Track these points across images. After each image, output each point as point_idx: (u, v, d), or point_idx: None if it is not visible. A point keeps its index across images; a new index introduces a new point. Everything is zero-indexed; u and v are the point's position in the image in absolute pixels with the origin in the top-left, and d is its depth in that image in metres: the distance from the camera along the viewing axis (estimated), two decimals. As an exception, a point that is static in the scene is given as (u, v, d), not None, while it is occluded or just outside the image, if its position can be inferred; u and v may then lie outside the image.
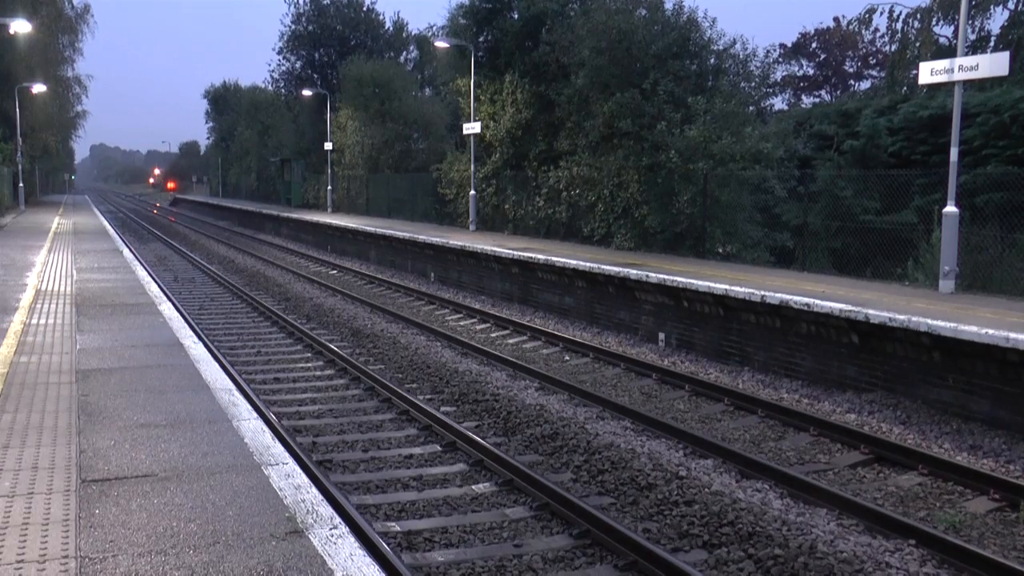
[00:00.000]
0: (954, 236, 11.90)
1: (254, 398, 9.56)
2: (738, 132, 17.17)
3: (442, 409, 10.06)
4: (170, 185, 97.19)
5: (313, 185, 45.13)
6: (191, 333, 9.54)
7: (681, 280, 13.27)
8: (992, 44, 23.59)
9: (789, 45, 48.33)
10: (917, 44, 25.44)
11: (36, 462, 5.04)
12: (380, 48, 46.59)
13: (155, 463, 5.05)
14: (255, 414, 6.23)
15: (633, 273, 14.36)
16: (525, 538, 6.54)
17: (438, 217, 29.97)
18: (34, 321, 9.85)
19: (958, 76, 11.88)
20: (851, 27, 34.49)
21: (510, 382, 11.23)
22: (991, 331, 8.78)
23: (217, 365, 7.90)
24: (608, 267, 15.17)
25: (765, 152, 17.02)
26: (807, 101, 45.91)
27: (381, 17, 49.12)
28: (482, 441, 8.38)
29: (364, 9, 48.47)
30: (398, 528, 6.61)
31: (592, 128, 19.90)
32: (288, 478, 4.85)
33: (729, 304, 12.38)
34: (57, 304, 11.19)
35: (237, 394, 6.75)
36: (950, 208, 12.02)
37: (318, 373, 11.97)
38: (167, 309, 11.08)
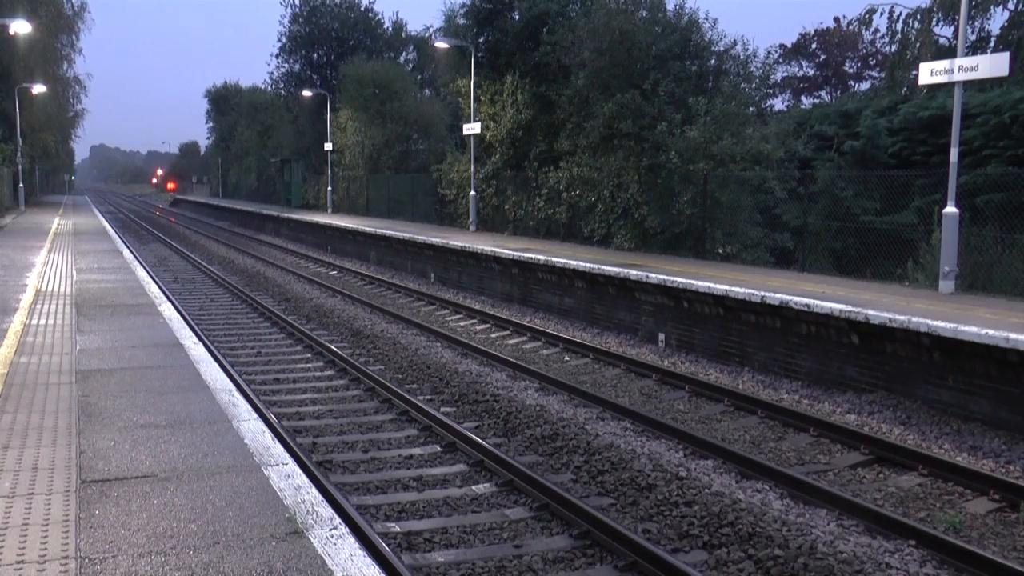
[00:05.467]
0: (954, 236, 11.90)
1: (254, 399, 9.56)
2: (738, 133, 17.17)
3: (442, 410, 10.06)
4: (170, 185, 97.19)
5: (313, 186, 45.15)
6: (191, 334, 9.54)
7: (681, 281, 13.27)
8: (992, 45, 23.61)
9: (789, 46, 48.38)
10: (917, 45, 25.45)
11: (36, 463, 5.04)
12: (379, 49, 46.58)
13: (155, 464, 5.05)
14: (255, 415, 6.23)
15: (633, 274, 14.36)
16: (525, 539, 6.54)
17: (438, 218, 29.98)
18: (34, 322, 9.85)
19: (958, 77, 11.88)
20: (851, 27, 34.57)
21: (510, 383, 11.24)
22: (991, 331, 8.78)
23: (217, 366, 7.90)
24: (608, 268, 15.17)
25: (765, 153, 17.02)
26: (807, 102, 45.95)
27: (379, 17, 49.15)
28: (482, 442, 8.37)
29: (361, 9, 48.46)
30: (398, 528, 6.61)
31: (592, 129, 19.90)
32: (288, 479, 4.85)
33: (729, 305, 12.38)
34: (57, 305, 11.19)
35: (237, 395, 6.75)
36: (950, 209, 12.02)
37: (318, 374, 11.97)
38: (167, 310, 11.09)
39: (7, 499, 4.47)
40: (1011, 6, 23.22)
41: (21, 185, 44.17)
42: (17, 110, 39.59)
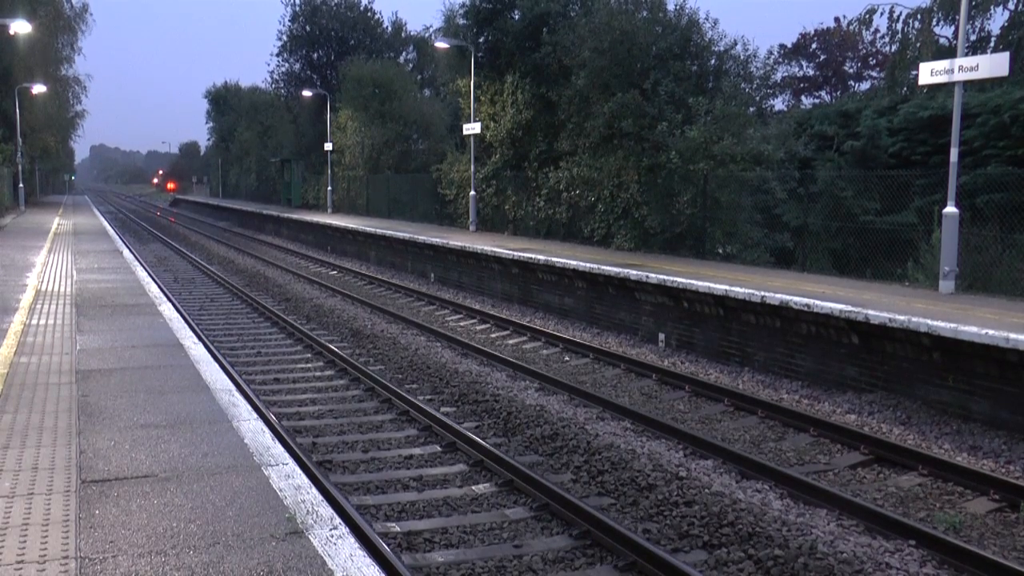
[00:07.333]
0: (954, 236, 11.90)
1: (254, 399, 9.56)
2: (739, 133, 17.16)
3: (442, 410, 10.06)
4: (170, 186, 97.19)
5: (313, 186, 45.15)
6: (191, 334, 9.53)
7: (681, 281, 13.27)
8: (992, 45, 23.61)
9: (789, 46, 48.38)
10: (917, 44, 25.44)
11: (36, 463, 5.04)
12: (379, 48, 46.60)
13: (155, 464, 5.05)
14: (255, 415, 6.23)
15: (633, 274, 14.36)
16: (525, 538, 6.54)
17: (438, 218, 29.98)
18: (34, 321, 9.85)
19: (958, 77, 11.88)
20: (851, 27, 34.47)
21: (510, 383, 11.23)
22: (991, 331, 8.78)
23: (217, 366, 7.90)
24: (608, 268, 15.17)
25: (766, 153, 17.01)
26: (807, 102, 45.94)
27: (379, 17, 49.17)
28: (482, 442, 8.37)
29: (360, 9, 48.49)
30: (398, 528, 6.61)
31: (593, 129, 19.90)
32: (288, 479, 4.85)
33: (729, 305, 12.38)
34: (57, 304, 11.19)
35: (237, 395, 6.75)
36: (950, 208, 12.02)
37: (318, 374, 11.97)
38: (167, 309, 11.09)
39: (7, 499, 4.47)
40: (1011, 6, 23.22)
41: (21, 185, 44.19)
42: (17, 110, 39.59)
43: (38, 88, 40.28)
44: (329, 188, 39.90)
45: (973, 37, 23.82)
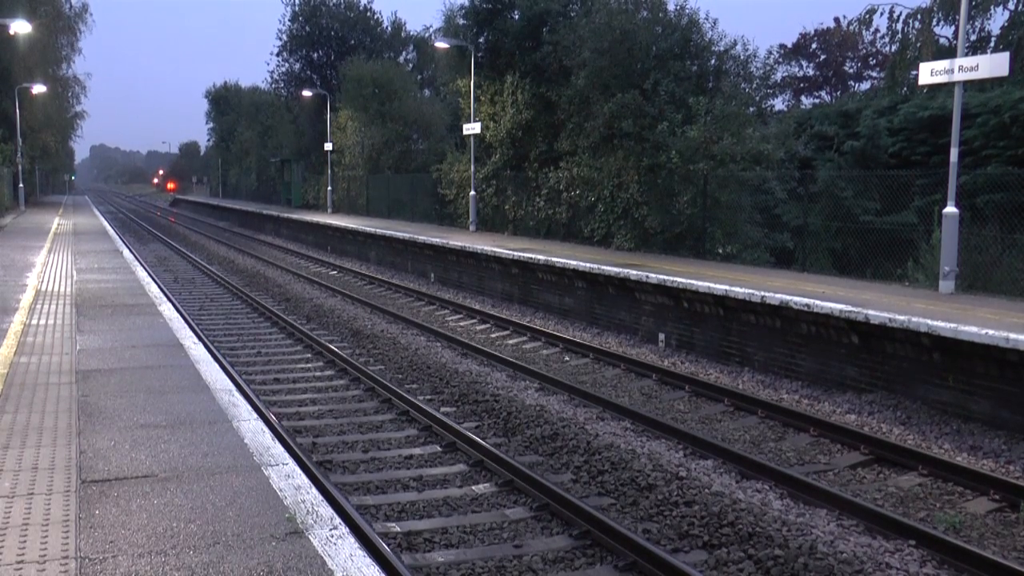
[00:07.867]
0: (954, 236, 11.90)
1: (254, 399, 9.56)
2: (739, 133, 17.16)
3: (442, 410, 10.06)
4: (170, 186, 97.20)
5: (313, 186, 45.17)
6: (191, 334, 9.53)
7: (681, 281, 13.27)
8: (992, 45, 23.64)
9: (789, 46, 48.41)
10: (917, 44, 25.46)
11: (36, 463, 5.04)
12: (379, 48, 46.59)
13: (155, 464, 5.05)
14: (255, 415, 6.23)
15: (633, 274, 14.36)
16: (525, 538, 6.54)
17: (438, 218, 29.98)
18: (34, 321, 9.85)
19: (958, 77, 11.88)
20: (851, 28, 34.53)
21: (510, 383, 11.23)
22: (991, 331, 8.78)
23: (217, 366, 7.90)
24: (608, 268, 15.17)
25: (765, 153, 17.02)
26: (807, 102, 45.96)
27: (379, 17, 49.18)
28: (482, 442, 8.37)
29: (360, 9, 48.50)
30: (398, 528, 6.61)
31: (593, 129, 19.90)
32: (288, 479, 4.85)
33: (729, 305, 12.38)
34: (57, 305, 11.19)
35: (237, 395, 6.75)
36: (950, 208, 12.02)
37: (318, 374, 11.97)
38: (167, 310, 11.09)
39: (7, 499, 4.47)
40: (1011, 6, 23.24)
41: (21, 185, 44.21)
42: (17, 110, 39.60)
43: (38, 88, 40.30)
44: (329, 188, 39.90)
45: (973, 37, 23.85)
